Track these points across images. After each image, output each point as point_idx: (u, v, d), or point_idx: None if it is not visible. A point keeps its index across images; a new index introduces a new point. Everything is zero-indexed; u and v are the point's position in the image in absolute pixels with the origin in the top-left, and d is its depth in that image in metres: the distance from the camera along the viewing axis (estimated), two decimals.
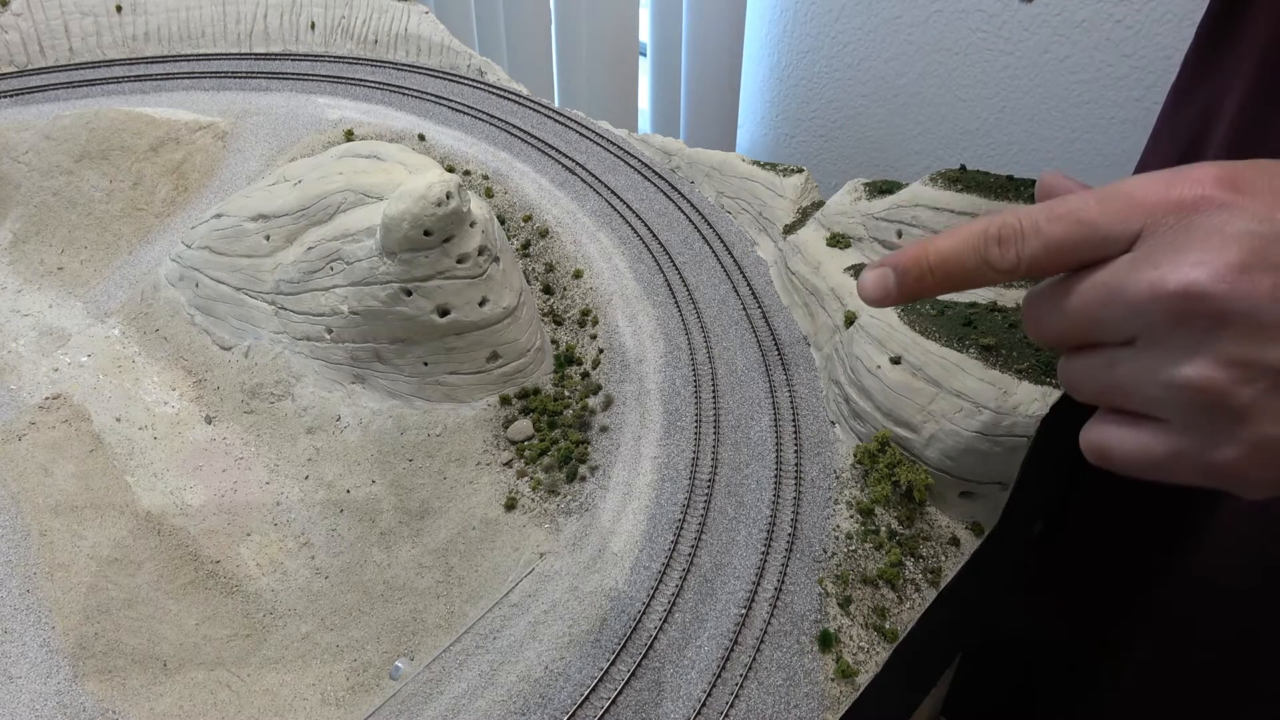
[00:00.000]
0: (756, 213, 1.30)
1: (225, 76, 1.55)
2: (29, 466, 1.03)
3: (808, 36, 2.48)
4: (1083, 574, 1.25)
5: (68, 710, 0.84)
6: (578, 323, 1.18)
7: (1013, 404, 0.87)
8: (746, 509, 0.94)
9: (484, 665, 0.84)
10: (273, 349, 1.12)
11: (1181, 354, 0.51)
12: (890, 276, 0.62)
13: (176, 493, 1.02)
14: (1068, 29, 2.01)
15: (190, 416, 1.11)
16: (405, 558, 0.97)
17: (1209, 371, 0.50)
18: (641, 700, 0.79)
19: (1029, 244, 0.56)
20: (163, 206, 1.37)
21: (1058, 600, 1.29)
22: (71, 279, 1.30)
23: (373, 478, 1.02)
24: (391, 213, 0.97)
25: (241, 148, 1.42)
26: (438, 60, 1.62)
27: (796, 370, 1.08)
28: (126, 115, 1.41)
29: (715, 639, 0.83)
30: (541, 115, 1.50)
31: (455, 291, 1.01)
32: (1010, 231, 0.57)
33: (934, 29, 2.22)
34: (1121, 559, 1.17)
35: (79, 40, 1.57)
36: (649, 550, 0.91)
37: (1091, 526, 1.24)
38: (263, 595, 0.95)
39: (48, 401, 1.11)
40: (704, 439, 1.01)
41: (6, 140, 1.39)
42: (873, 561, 0.89)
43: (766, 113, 2.73)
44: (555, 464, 1.00)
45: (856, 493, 0.95)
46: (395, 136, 1.41)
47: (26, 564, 0.94)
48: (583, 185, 1.37)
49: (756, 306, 1.17)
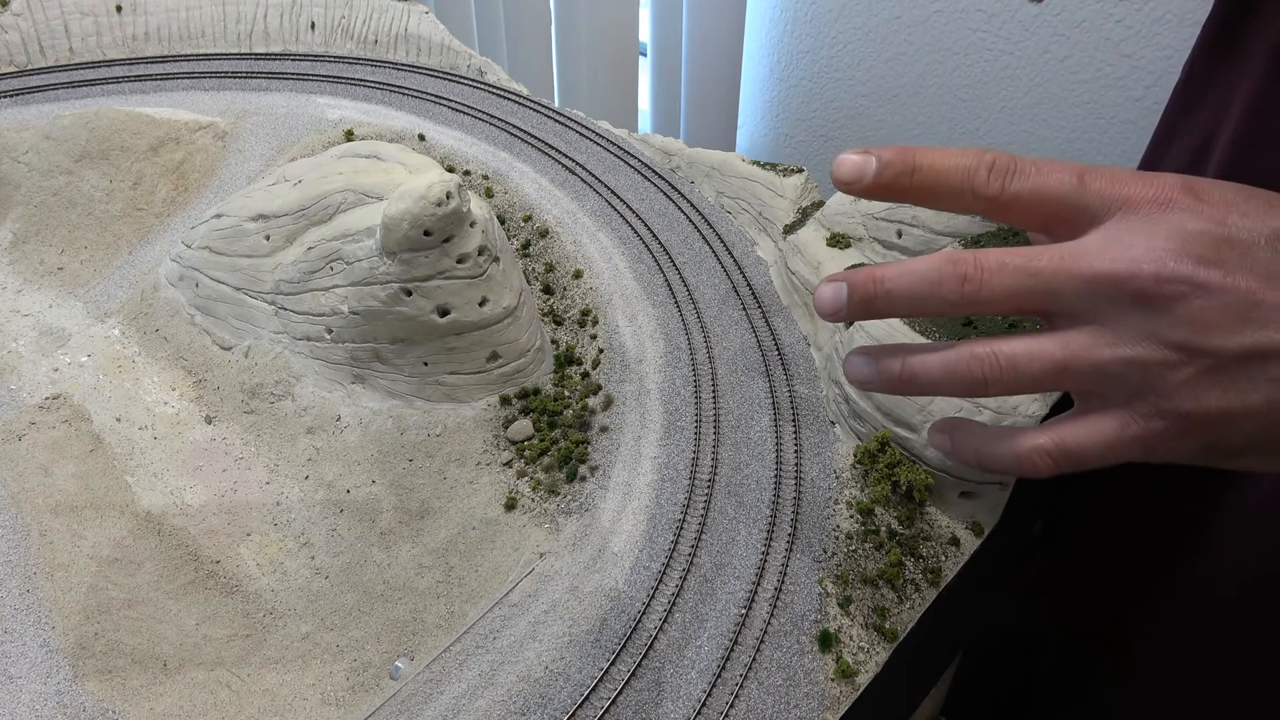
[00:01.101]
0: (756, 213, 1.30)
1: (225, 76, 1.55)
2: (29, 466, 1.03)
3: (808, 36, 2.48)
4: (1083, 574, 1.25)
5: (68, 710, 0.84)
6: (578, 323, 1.18)
7: (1013, 404, 0.87)
8: (746, 509, 0.94)
9: (484, 665, 0.84)
10: (273, 349, 1.12)
11: (1133, 333, 0.56)
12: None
13: (176, 493, 1.02)
14: (1068, 29, 2.01)
15: (190, 416, 1.11)
16: (405, 558, 0.97)
17: (1153, 351, 0.55)
18: (641, 700, 0.79)
19: (1017, 181, 0.59)
20: (163, 206, 1.37)
21: (1058, 600, 1.29)
22: (71, 279, 1.30)
23: (373, 478, 1.02)
24: (391, 213, 0.97)
25: (241, 148, 1.42)
26: (438, 60, 1.62)
27: (796, 370, 1.08)
28: (126, 115, 1.41)
29: (715, 639, 0.83)
30: (541, 115, 1.50)
31: (455, 291, 1.01)
32: (1005, 163, 0.59)
33: (934, 29, 2.22)
34: (1121, 559, 1.17)
35: (79, 40, 1.57)
36: (649, 550, 0.91)
37: (1091, 526, 1.24)
38: (263, 595, 0.95)
39: (48, 401, 1.11)
40: (704, 439, 1.01)
41: (6, 140, 1.39)
42: (873, 561, 0.89)
43: (766, 113, 2.73)
44: (555, 464, 1.00)
45: (856, 493, 0.95)
46: (395, 136, 1.41)
47: (26, 564, 0.94)
48: (583, 185, 1.37)
49: (756, 306, 1.17)
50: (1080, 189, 0.59)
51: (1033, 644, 1.34)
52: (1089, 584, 1.23)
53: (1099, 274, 0.56)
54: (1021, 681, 1.37)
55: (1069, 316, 0.59)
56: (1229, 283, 0.54)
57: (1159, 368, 0.56)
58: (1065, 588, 1.27)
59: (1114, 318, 0.57)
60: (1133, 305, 0.56)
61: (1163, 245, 0.55)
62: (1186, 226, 0.56)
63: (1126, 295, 0.56)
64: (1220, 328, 0.54)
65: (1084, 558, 1.24)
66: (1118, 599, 1.18)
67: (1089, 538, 1.23)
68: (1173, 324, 0.55)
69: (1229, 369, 0.55)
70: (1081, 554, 1.24)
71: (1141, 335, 0.56)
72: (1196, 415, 0.56)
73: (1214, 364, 0.55)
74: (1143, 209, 0.57)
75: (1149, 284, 0.55)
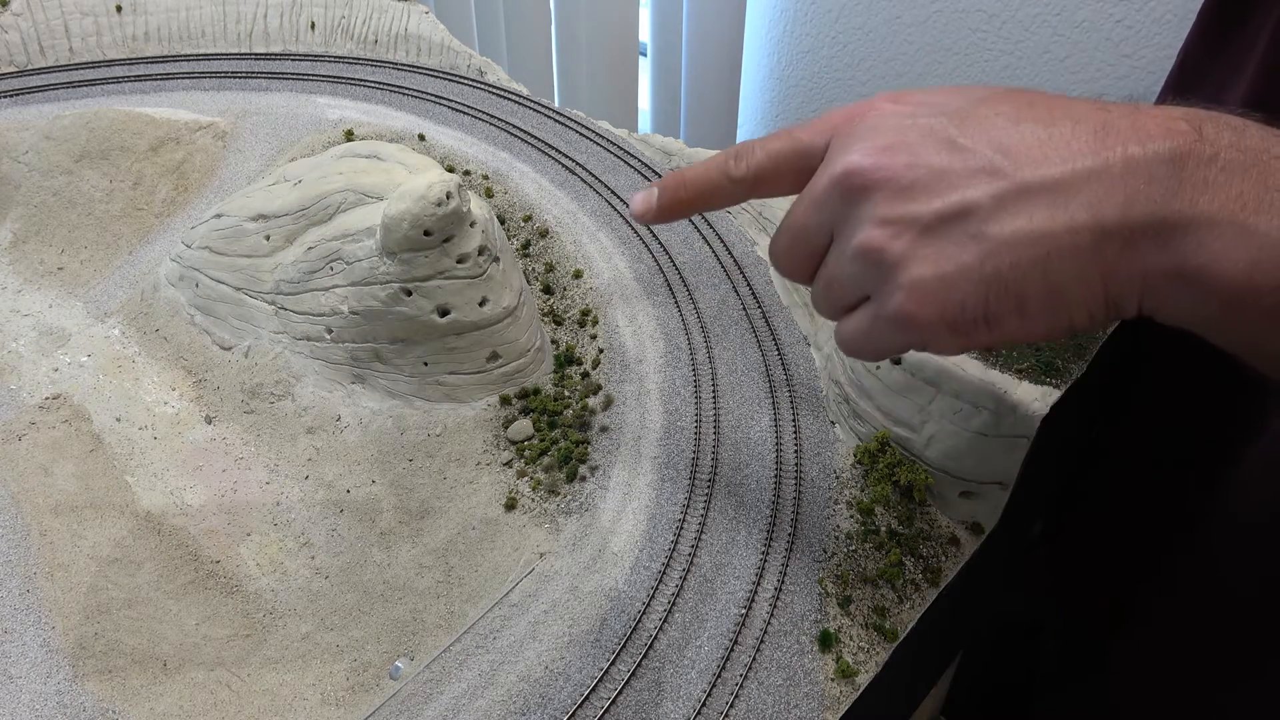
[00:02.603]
0: (756, 213, 1.30)
1: (225, 76, 1.55)
2: (29, 466, 1.03)
3: (808, 36, 2.48)
4: (1083, 575, 1.25)
5: (68, 710, 0.84)
6: (578, 323, 1.18)
7: (1013, 404, 0.87)
8: (746, 509, 0.94)
9: (484, 665, 0.84)
10: (273, 349, 1.12)
11: (854, 227, 0.63)
12: (653, 194, 0.76)
13: (176, 493, 1.02)
14: (1068, 29, 2.01)
15: (190, 416, 1.11)
16: (405, 558, 0.97)
17: (870, 233, 0.62)
18: (641, 700, 0.79)
19: (755, 156, 0.71)
20: (163, 206, 1.37)
21: (1058, 600, 1.29)
22: (71, 279, 1.30)
23: (373, 478, 1.02)
24: (391, 213, 0.97)
25: (241, 148, 1.42)
26: (438, 60, 1.62)
27: (796, 370, 1.08)
28: (126, 115, 1.41)
29: (715, 639, 0.83)
30: (541, 115, 1.50)
31: (455, 291, 1.01)
32: (744, 149, 0.71)
33: (934, 29, 2.22)
34: (1122, 560, 1.17)
35: (79, 40, 1.57)
36: (649, 550, 0.91)
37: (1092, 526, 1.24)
38: (263, 595, 0.95)
39: (48, 401, 1.11)
40: (704, 439, 1.01)
41: (6, 140, 1.39)
42: (873, 561, 0.89)
43: (766, 113, 2.73)
44: (555, 464, 1.00)
45: (856, 493, 0.95)
46: (395, 136, 1.41)
47: (26, 564, 0.94)
48: (583, 185, 1.37)
49: (756, 306, 1.17)
50: (794, 138, 0.69)
51: (1033, 644, 1.34)
52: (1089, 585, 1.23)
53: (816, 190, 0.65)
54: (1022, 682, 1.37)
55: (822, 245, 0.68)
56: (918, 160, 0.61)
57: (881, 246, 0.61)
58: (1065, 588, 1.27)
59: (841, 221, 0.65)
60: (845, 202, 0.63)
61: (860, 144, 0.63)
62: (880, 124, 0.64)
63: (838, 196, 0.63)
64: (917, 197, 0.60)
65: (1084, 558, 1.24)
66: (1118, 600, 1.18)
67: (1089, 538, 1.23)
68: (877, 204, 0.62)
69: (934, 231, 0.60)
70: (1082, 554, 1.24)
71: (860, 224, 0.63)
72: (922, 282, 0.60)
73: (920, 228, 0.60)
74: (849, 125, 0.66)
75: (851, 178, 0.62)
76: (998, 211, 0.58)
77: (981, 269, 0.59)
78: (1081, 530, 1.26)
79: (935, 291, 0.61)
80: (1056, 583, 1.29)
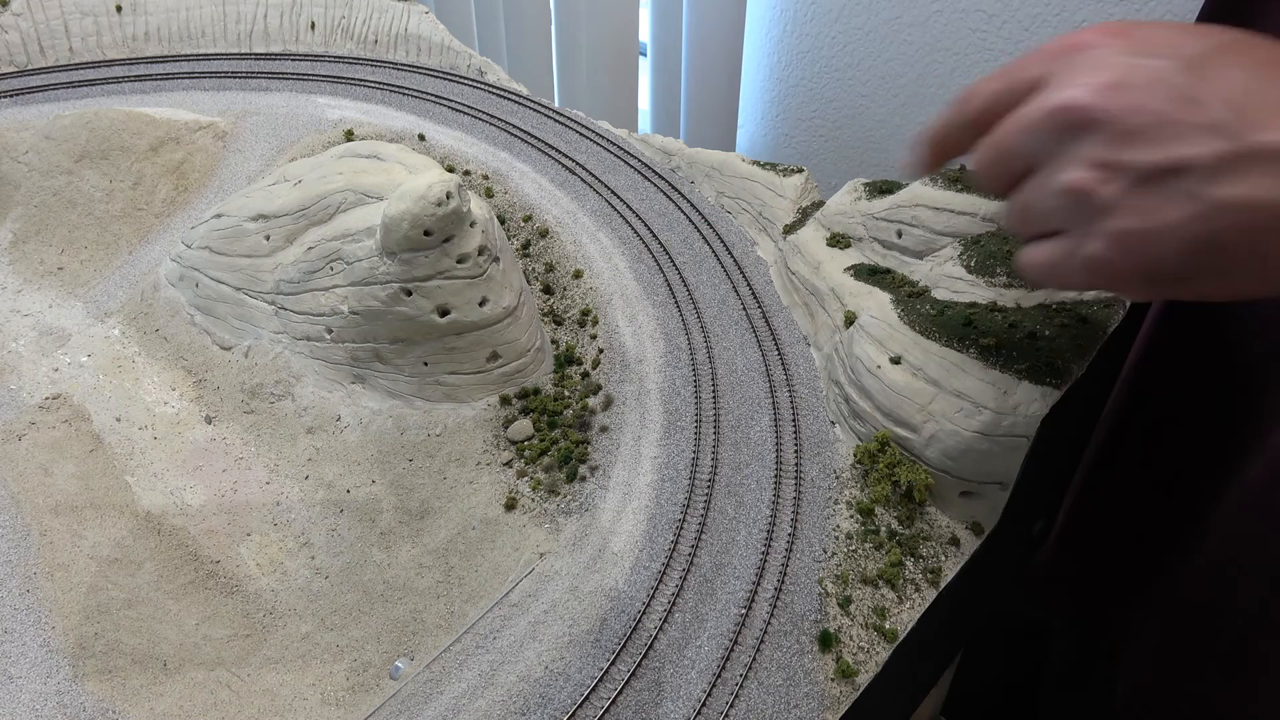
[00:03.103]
0: (756, 213, 1.30)
1: (225, 76, 1.55)
2: (29, 466, 1.03)
3: (808, 36, 2.48)
4: (1083, 575, 1.25)
5: (68, 710, 0.84)
6: (578, 323, 1.18)
7: (1013, 404, 0.87)
8: (746, 509, 0.94)
9: (484, 665, 0.84)
10: (273, 349, 1.12)
11: (1064, 163, 0.61)
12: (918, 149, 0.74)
13: (176, 493, 1.02)
14: (1068, 29, 2.01)
15: (190, 416, 1.11)
16: (405, 558, 0.97)
17: (1079, 173, 0.60)
18: (641, 700, 0.79)
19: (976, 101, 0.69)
20: (163, 206, 1.37)
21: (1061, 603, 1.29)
22: (71, 279, 1.30)
23: (373, 478, 1.02)
24: (391, 213, 0.97)
25: (241, 148, 1.42)
26: (438, 60, 1.62)
27: (796, 370, 1.08)
28: (126, 115, 1.41)
29: (715, 639, 0.83)
30: (541, 115, 1.50)
31: (455, 291, 1.01)
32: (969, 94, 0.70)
33: (934, 29, 2.22)
34: (1122, 560, 1.17)
35: (79, 40, 1.57)
36: (649, 550, 0.91)
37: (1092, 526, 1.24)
38: (263, 595, 0.95)
39: (48, 401, 1.11)
40: (704, 439, 1.01)
41: (6, 140, 1.39)
42: (873, 561, 0.89)
43: (766, 113, 2.73)
44: (555, 464, 1.00)
45: (856, 493, 0.95)
46: (395, 136, 1.41)
47: (26, 564, 0.94)
48: (583, 185, 1.37)
49: (756, 306, 1.17)
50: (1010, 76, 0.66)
51: (1033, 644, 1.34)
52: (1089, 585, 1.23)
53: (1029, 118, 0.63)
54: (1022, 682, 1.37)
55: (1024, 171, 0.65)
56: (1143, 105, 0.58)
57: (1090, 189, 0.60)
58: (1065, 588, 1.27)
59: (1051, 154, 0.62)
60: (1058, 135, 0.61)
61: (1083, 78, 0.60)
62: (1105, 60, 0.61)
63: (1052, 127, 0.61)
64: (1135, 145, 0.58)
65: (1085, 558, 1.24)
66: (1118, 600, 1.18)
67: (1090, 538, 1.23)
68: (1095, 145, 0.59)
69: (1148, 183, 0.58)
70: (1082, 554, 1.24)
71: (1071, 161, 0.61)
72: (1126, 234, 0.59)
73: (1134, 178, 0.58)
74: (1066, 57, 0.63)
75: (1069, 112, 0.60)
76: (1218, 173, 0.56)
77: (1191, 229, 0.57)
78: (1083, 532, 1.26)
79: (1138, 245, 0.59)
80: (1060, 585, 1.29)
